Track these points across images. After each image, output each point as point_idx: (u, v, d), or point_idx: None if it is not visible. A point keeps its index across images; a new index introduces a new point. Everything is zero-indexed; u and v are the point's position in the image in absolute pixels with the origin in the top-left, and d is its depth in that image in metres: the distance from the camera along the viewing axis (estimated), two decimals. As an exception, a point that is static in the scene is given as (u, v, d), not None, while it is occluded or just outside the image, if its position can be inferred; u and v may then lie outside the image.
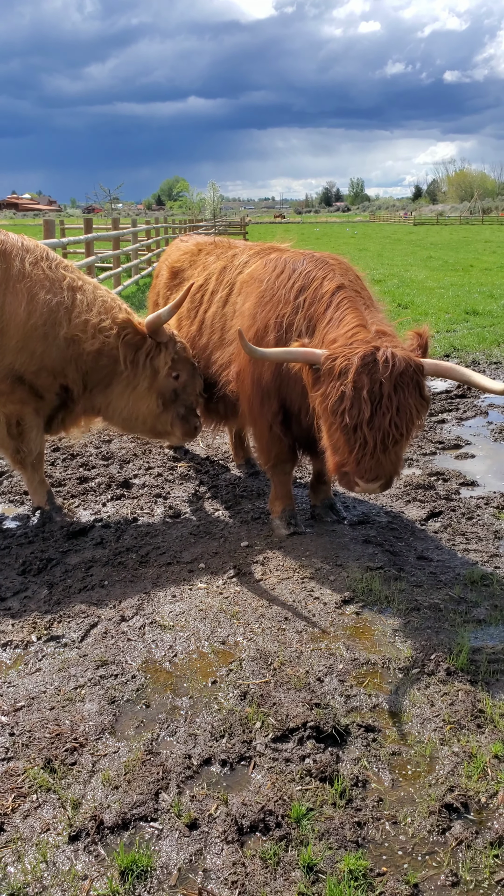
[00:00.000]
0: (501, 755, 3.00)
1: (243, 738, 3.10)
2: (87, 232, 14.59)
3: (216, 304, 5.22)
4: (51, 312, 4.72)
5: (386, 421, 3.78)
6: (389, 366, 3.76)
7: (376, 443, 3.81)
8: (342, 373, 3.83)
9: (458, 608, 4.11)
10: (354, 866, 2.49)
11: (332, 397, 3.85)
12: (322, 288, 4.47)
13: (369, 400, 3.75)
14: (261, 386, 4.76)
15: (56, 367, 4.83)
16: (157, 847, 2.61)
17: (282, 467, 5.08)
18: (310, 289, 4.52)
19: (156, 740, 3.11)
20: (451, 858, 2.57)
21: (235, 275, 5.19)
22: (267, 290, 4.74)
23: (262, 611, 4.08)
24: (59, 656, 3.72)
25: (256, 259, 5.13)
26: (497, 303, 15.60)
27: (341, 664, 3.60)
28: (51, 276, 4.79)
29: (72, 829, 2.66)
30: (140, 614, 4.08)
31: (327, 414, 3.93)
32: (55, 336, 4.76)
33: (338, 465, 4.03)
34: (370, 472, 3.88)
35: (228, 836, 2.63)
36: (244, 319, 4.83)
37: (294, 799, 2.78)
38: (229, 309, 5.10)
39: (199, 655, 3.71)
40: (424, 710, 3.29)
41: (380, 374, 3.75)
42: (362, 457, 3.85)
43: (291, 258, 4.83)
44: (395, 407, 3.78)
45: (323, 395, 3.94)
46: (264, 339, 4.64)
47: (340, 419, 3.82)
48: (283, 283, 4.67)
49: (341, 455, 3.97)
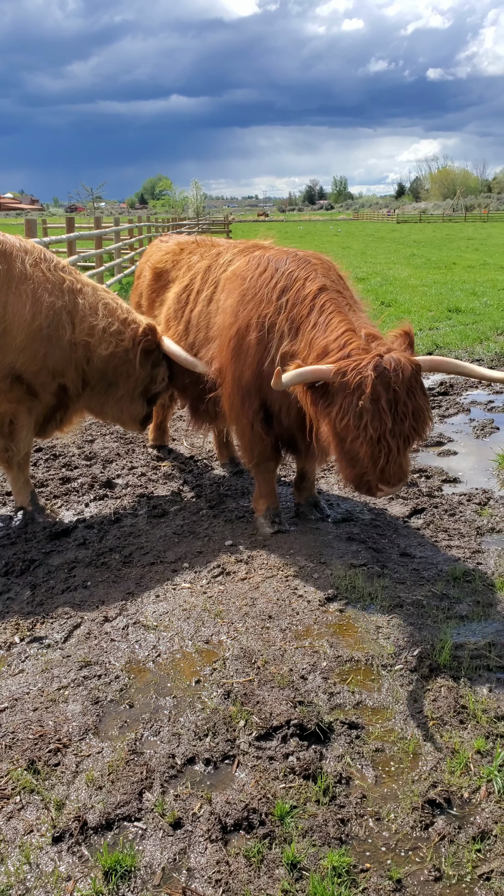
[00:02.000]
0: (484, 750, 3.03)
1: (227, 737, 3.10)
2: (69, 231, 14.52)
3: (201, 302, 5.22)
4: (55, 315, 4.76)
5: (406, 426, 3.88)
6: (399, 373, 3.83)
7: (399, 449, 3.89)
8: (357, 387, 3.83)
9: (441, 604, 4.13)
10: (338, 863, 2.50)
11: (351, 412, 3.85)
12: (304, 289, 4.47)
13: (388, 409, 3.81)
14: (241, 385, 4.76)
15: (57, 368, 4.87)
16: (141, 847, 2.61)
17: (265, 466, 5.09)
18: (292, 289, 4.52)
19: (139, 740, 3.11)
20: (434, 853, 2.58)
21: (220, 273, 5.19)
22: (249, 287, 4.74)
23: (246, 610, 4.09)
24: (42, 657, 3.71)
25: (240, 257, 5.13)
26: (479, 300, 15.68)
27: (325, 662, 3.61)
28: (51, 279, 4.81)
29: (55, 830, 2.66)
30: (123, 615, 4.07)
31: (347, 429, 3.91)
32: (59, 338, 4.79)
33: (357, 476, 4.08)
34: (394, 477, 3.97)
35: (212, 834, 2.63)
36: (226, 316, 4.83)
37: (278, 797, 2.79)
38: (213, 307, 5.10)
39: (183, 655, 3.71)
40: (407, 706, 3.30)
41: (392, 382, 3.81)
42: (386, 464, 3.92)
43: (275, 256, 4.82)
44: (412, 411, 3.88)
45: (339, 411, 3.92)
46: (246, 338, 4.64)
47: (364, 433, 3.84)
48: (266, 281, 4.66)
49: (361, 466, 4.01)
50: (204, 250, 5.60)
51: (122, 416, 5.41)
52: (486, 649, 3.70)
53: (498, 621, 3.98)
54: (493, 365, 10.25)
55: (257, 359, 4.62)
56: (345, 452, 4.06)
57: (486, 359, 10.59)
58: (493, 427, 7.56)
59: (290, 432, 4.77)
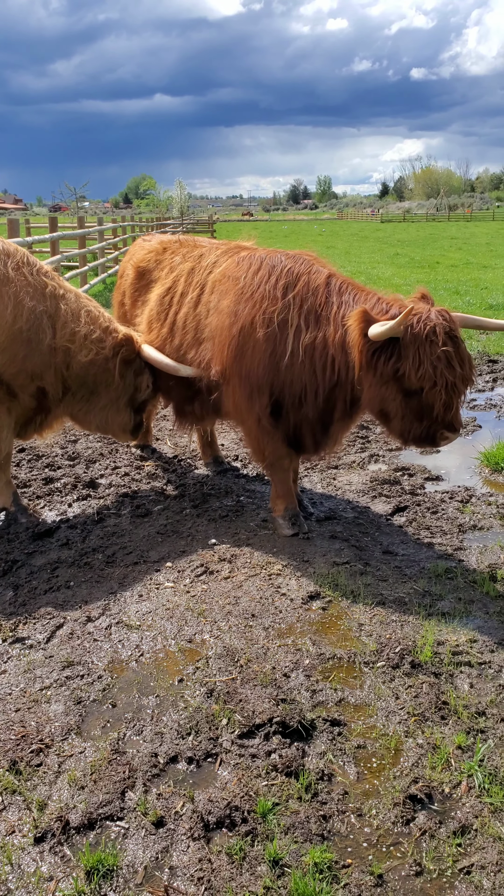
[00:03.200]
0: (465, 746, 3.05)
1: (209, 736, 3.11)
2: (52, 231, 14.47)
3: (187, 305, 5.19)
4: (36, 319, 4.73)
5: (466, 371, 4.17)
6: (451, 323, 4.13)
7: (464, 394, 4.25)
8: (429, 335, 4.04)
9: (423, 601, 4.15)
10: (319, 859, 2.51)
11: (427, 361, 4.04)
12: (313, 282, 4.59)
13: (455, 356, 4.09)
14: (249, 381, 4.73)
15: (36, 371, 4.84)
16: (123, 846, 2.61)
17: (279, 464, 5.04)
18: (298, 284, 4.60)
19: (122, 739, 3.11)
20: (415, 848, 2.60)
21: (205, 275, 5.17)
22: (246, 287, 4.75)
23: (230, 608, 4.09)
24: (24, 658, 3.70)
25: (225, 258, 5.13)
26: (462, 299, 15.75)
27: (307, 659, 3.62)
28: (33, 283, 4.78)
29: (37, 830, 2.66)
30: (106, 614, 4.07)
31: (424, 379, 4.07)
32: (38, 342, 4.77)
33: (425, 428, 4.25)
34: (459, 422, 4.27)
35: (195, 832, 2.64)
36: (223, 317, 4.82)
37: (260, 794, 2.80)
38: (202, 309, 5.07)
39: (166, 654, 3.72)
40: (389, 702, 3.32)
41: (451, 331, 4.11)
42: (456, 410, 4.20)
43: (266, 256, 4.86)
44: (467, 359, 4.19)
45: (415, 363, 4.06)
46: (252, 336, 4.65)
47: (442, 379, 4.06)
48: (264, 279, 4.69)
49: (430, 417, 4.20)
50: (186, 251, 5.57)
51: (108, 425, 5.37)
52: (467, 645, 3.73)
53: (479, 617, 4.01)
54: (476, 363, 10.29)
55: (268, 354, 4.63)
56: (410, 407, 4.21)
57: (468, 357, 10.65)
58: (475, 425, 7.61)
59: (299, 429, 4.78)
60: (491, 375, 9.68)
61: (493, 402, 8.52)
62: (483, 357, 10.64)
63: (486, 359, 10.54)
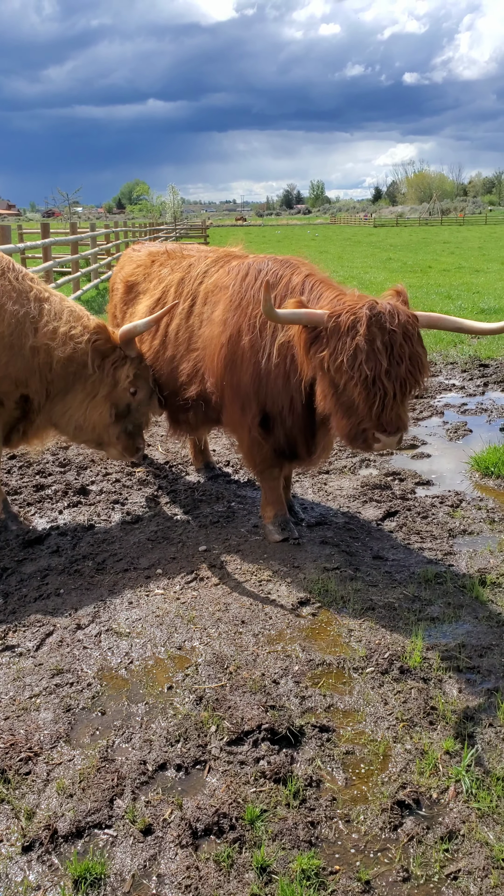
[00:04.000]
0: (453, 751, 3.06)
1: (198, 743, 3.11)
2: (44, 236, 14.49)
3: (178, 316, 5.16)
4: (18, 323, 4.72)
5: (402, 369, 3.86)
6: (395, 316, 3.85)
7: (395, 392, 3.86)
8: (350, 327, 3.84)
9: (413, 607, 4.17)
10: (307, 866, 2.52)
11: (345, 352, 3.83)
12: (292, 282, 4.53)
13: (384, 350, 3.80)
14: (239, 392, 4.71)
15: (19, 376, 4.82)
16: (111, 854, 2.61)
17: (269, 472, 5.02)
18: (279, 285, 4.56)
19: (111, 747, 3.11)
20: (402, 854, 2.61)
21: (196, 286, 5.14)
22: (235, 294, 4.73)
23: (219, 615, 4.10)
24: (14, 666, 3.69)
25: (215, 267, 5.12)
26: (454, 303, 15.80)
27: (297, 666, 3.63)
28: (17, 287, 4.78)
29: (25, 839, 2.65)
30: (96, 622, 4.07)
31: (340, 372, 3.88)
32: (21, 346, 4.75)
33: (353, 426, 4.01)
34: (392, 424, 3.91)
35: (182, 840, 2.64)
36: (214, 327, 4.79)
37: (248, 801, 2.81)
38: (195, 320, 5.04)
39: (156, 661, 3.72)
40: (378, 708, 3.33)
41: (388, 324, 3.83)
42: (383, 409, 3.88)
43: (255, 262, 4.84)
44: (408, 356, 3.88)
45: (332, 353, 3.89)
46: (239, 345, 4.62)
47: (358, 373, 3.81)
48: (250, 285, 4.68)
49: (357, 413, 3.96)
50: (175, 262, 5.54)
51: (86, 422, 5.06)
52: (456, 650, 3.74)
53: (468, 623, 4.02)
54: (467, 367, 10.35)
55: (253, 362, 4.59)
56: (339, 402, 4.02)
57: (459, 361, 10.69)
58: (466, 430, 7.63)
59: (293, 436, 4.72)
60: (482, 379, 9.71)
61: (483, 406, 8.54)
62: (474, 361, 10.67)
63: (478, 363, 10.58)
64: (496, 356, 10.92)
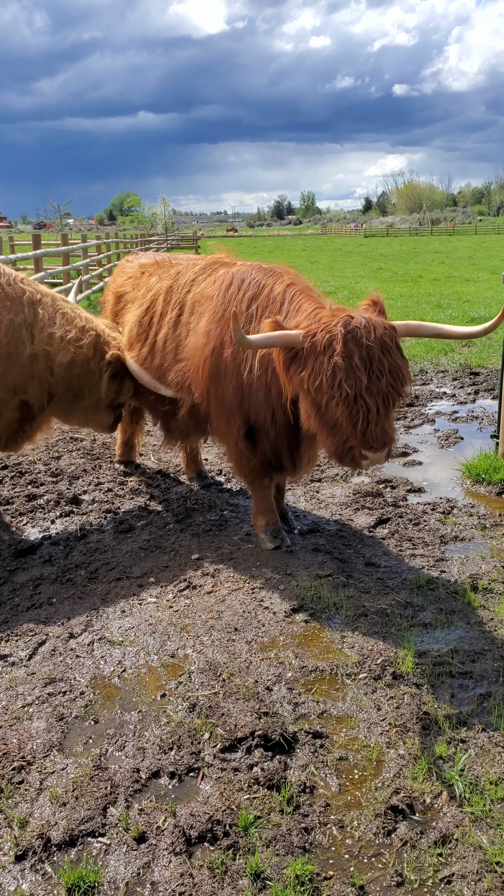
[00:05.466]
0: (446, 756, 3.06)
1: (192, 750, 3.11)
2: (35, 248, 14.51)
3: (167, 325, 5.17)
4: (14, 332, 4.74)
5: (383, 384, 3.79)
6: (371, 330, 3.79)
7: (378, 408, 3.80)
8: (327, 346, 3.78)
9: (405, 613, 4.18)
10: (301, 871, 2.52)
11: (324, 372, 3.78)
12: (273, 291, 4.51)
13: (363, 366, 3.74)
14: (224, 404, 4.71)
15: (18, 384, 4.83)
16: (104, 862, 2.60)
17: (259, 482, 5.01)
18: (261, 296, 4.54)
19: (104, 755, 3.11)
20: (396, 859, 2.61)
21: (183, 294, 5.13)
22: (218, 305, 4.73)
23: (212, 623, 4.10)
24: (6, 675, 3.68)
25: (202, 275, 5.13)
26: (444, 312, 15.88)
27: (290, 672, 3.63)
28: (11, 294, 4.79)
29: (18, 848, 2.65)
30: (89, 631, 4.06)
31: (320, 392, 3.83)
32: (18, 355, 4.77)
33: (339, 444, 3.94)
34: (378, 440, 3.85)
35: (176, 847, 2.64)
36: (198, 338, 4.79)
37: (242, 808, 2.80)
38: (182, 329, 5.04)
39: (149, 669, 3.72)
40: (371, 714, 3.33)
41: (364, 339, 3.76)
42: (367, 426, 3.81)
43: (239, 271, 4.82)
44: (388, 369, 3.81)
45: (311, 374, 3.84)
46: (222, 357, 4.62)
47: (339, 392, 3.75)
48: (234, 295, 4.67)
49: (342, 432, 3.90)
50: (163, 271, 5.55)
51: (88, 422, 5.59)
52: (448, 656, 3.75)
53: (460, 628, 4.03)
54: (458, 376, 10.40)
55: (236, 375, 4.58)
56: (324, 421, 3.97)
57: (450, 370, 10.74)
58: (457, 437, 7.66)
59: (277, 448, 4.70)
60: (473, 387, 9.76)
61: (474, 413, 8.58)
62: (465, 369, 10.72)
63: (468, 371, 10.63)
64: (486, 364, 10.97)
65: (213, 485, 6.31)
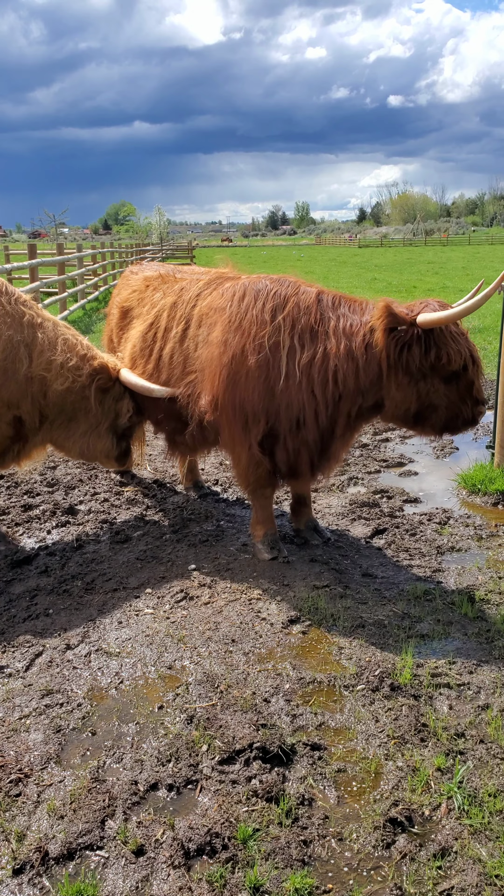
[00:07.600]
0: (444, 768, 3.06)
1: (190, 762, 3.10)
2: (31, 257, 14.53)
3: (172, 340, 5.16)
4: (12, 349, 4.74)
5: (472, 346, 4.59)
6: None
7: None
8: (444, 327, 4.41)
9: (402, 623, 4.18)
10: (300, 885, 2.51)
11: (459, 342, 4.45)
12: (303, 302, 4.62)
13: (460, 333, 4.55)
14: (244, 410, 4.68)
15: (11, 400, 4.83)
16: (102, 875, 2.59)
17: (262, 492, 5.03)
18: (287, 306, 4.59)
19: (102, 768, 3.10)
20: (395, 872, 2.60)
21: (189, 309, 5.12)
22: (233, 315, 4.72)
23: (210, 634, 4.10)
24: (3, 687, 3.67)
25: (207, 289, 5.12)
26: (439, 323, 15.93)
27: (287, 684, 3.63)
28: (10, 312, 4.79)
29: (16, 861, 2.63)
30: (86, 642, 4.05)
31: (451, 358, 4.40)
32: (15, 371, 4.77)
33: (470, 410, 4.60)
34: (483, 394, 4.65)
35: (175, 860, 2.63)
36: (213, 348, 4.76)
37: (240, 820, 2.79)
38: (189, 343, 5.03)
39: (146, 681, 3.71)
40: (369, 726, 3.33)
41: None
42: (482, 384, 4.66)
43: (249, 283, 4.85)
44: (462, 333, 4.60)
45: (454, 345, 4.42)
46: (244, 365, 4.60)
47: (472, 357, 4.50)
48: (250, 306, 4.67)
49: (470, 397, 4.55)
50: (167, 287, 5.54)
51: (90, 451, 5.33)
52: (446, 667, 3.75)
53: (458, 639, 4.04)
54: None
55: (262, 381, 4.60)
56: (458, 393, 4.51)
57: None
58: (452, 447, 7.68)
59: (297, 454, 4.72)
60: (468, 398, 9.77)
61: (470, 424, 8.59)
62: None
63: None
64: (481, 375, 10.99)
65: (209, 495, 6.31)
